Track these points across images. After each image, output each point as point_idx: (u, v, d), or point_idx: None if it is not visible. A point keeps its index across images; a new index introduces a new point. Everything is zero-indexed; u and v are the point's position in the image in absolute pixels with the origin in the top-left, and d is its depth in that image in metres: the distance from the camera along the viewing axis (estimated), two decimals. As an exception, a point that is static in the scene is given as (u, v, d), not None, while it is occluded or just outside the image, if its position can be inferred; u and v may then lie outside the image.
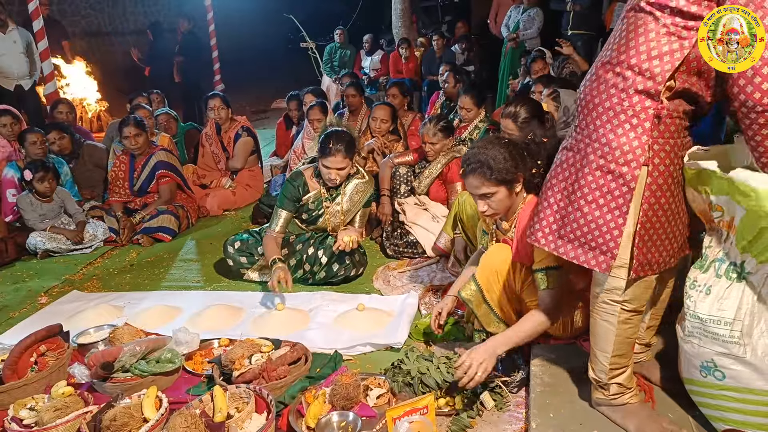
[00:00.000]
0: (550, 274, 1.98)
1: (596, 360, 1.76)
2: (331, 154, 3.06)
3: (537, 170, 2.15)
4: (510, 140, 2.19)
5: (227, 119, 4.90)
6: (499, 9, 8.02)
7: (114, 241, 4.07)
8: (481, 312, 2.23)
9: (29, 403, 2.07)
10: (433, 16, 12.27)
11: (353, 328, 2.64)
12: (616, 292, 1.64)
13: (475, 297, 2.21)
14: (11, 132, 4.59)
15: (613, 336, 1.68)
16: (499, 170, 2.06)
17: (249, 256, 3.27)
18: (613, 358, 1.71)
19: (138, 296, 3.18)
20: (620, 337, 1.68)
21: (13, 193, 4.14)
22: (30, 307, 3.15)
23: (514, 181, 2.12)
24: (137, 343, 2.28)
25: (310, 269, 3.19)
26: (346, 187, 3.25)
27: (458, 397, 2.00)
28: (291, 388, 2.13)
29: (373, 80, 8.50)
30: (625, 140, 1.51)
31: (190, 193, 4.54)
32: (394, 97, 4.99)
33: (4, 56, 5.75)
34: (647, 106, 1.49)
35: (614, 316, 1.66)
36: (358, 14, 10.59)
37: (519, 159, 2.12)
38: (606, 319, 1.68)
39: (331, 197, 3.25)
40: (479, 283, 2.21)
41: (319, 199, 3.24)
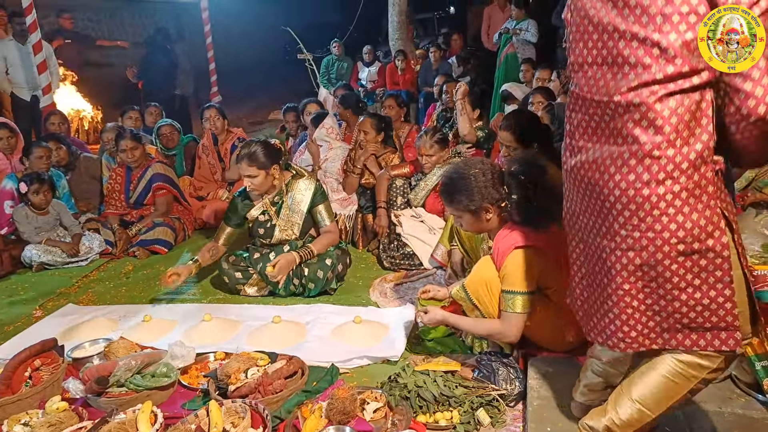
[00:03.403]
0: (521, 298, 2.05)
1: (628, 406, 1.58)
2: (239, 161, 3.13)
3: (505, 203, 2.19)
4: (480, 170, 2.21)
5: (223, 130, 4.92)
6: (491, 22, 8.11)
7: (110, 254, 4.06)
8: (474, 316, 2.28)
9: (23, 419, 2.04)
10: (429, 28, 12.37)
11: (350, 341, 2.63)
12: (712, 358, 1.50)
13: (465, 304, 2.27)
14: (7, 145, 4.61)
15: (671, 401, 1.55)
16: (462, 200, 2.21)
17: (244, 271, 3.27)
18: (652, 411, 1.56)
19: (133, 309, 3.17)
20: (676, 402, 1.56)
21: (10, 205, 4.14)
22: (25, 320, 3.13)
23: (480, 210, 2.21)
24: (132, 357, 2.27)
25: (299, 283, 3.19)
26: (288, 193, 3.27)
27: (455, 412, 1.99)
28: (287, 402, 2.12)
29: (369, 92, 8.54)
30: (697, 216, 1.39)
31: (187, 206, 4.54)
32: (390, 109, 5.01)
33: (22, 67, 5.84)
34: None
35: (690, 383, 1.52)
36: (355, 26, 10.66)
37: (483, 190, 2.18)
38: (677, 381, 1.53)
39: (276, 205, 3.26)
40: (468, 291, 2.25)
41: (266, 212, 3.27)
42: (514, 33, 6.99)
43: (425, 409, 2.02)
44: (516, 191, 2.13)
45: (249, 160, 3.09)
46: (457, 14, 12.94)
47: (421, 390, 2.06)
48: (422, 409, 2.02)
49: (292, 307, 3.09)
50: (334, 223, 3.37)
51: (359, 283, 3.41)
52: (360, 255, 3.88)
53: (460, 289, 2.28)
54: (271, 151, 3.16)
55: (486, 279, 2.19)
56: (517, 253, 2.09)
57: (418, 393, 2.06)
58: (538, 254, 2.11)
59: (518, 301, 2.08)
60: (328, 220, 3.32)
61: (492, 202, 2.19)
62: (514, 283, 2.08)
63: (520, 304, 2.08)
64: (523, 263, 2.08)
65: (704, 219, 1.39)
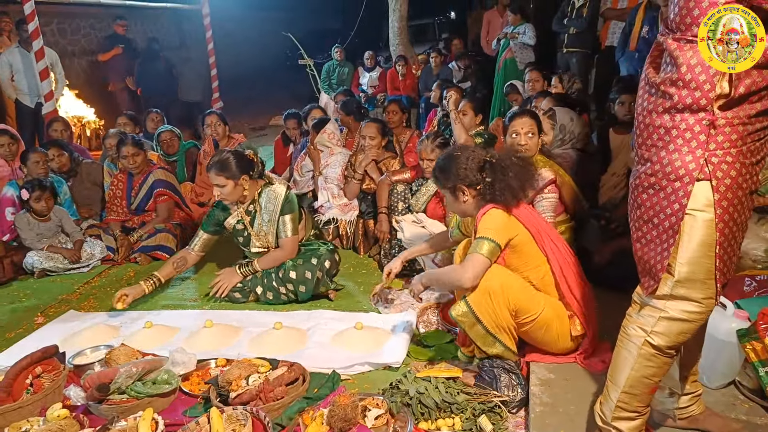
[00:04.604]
0: (489, 245, 2.13)
1: (606, 393, 1.65)
2: (208, 170, 3.15)
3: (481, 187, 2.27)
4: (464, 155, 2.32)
5: (224, 136, 4.93)
6: (490, 28, 8.14)
7: (111, 260, 4.06)
8: (473, 333, 2.16)
9: (24, 426, 2.03)
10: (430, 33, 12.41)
11: (351, 348, 2.63)
12: (649, 321, 1.53)
13: (467, 318, 2.15)
14: (9, 152, 4.61)
15: (629, 369, 1.57)
16: (437, 178, 2.39)
17: (241, 290, 3.28)
18: (623, 394, 1.59)
19: (134, 315, 3.17)
20: (637, 373, 1.56)
21: (12, 211, 4.14)
22: (26, 326, 3.13)
23: (456, 190, 2.32)
24: (133, 364, 2.27)
25: (287, 291, 3.19)
26: (260, 201, 3.26)
27: (457, 419, 1.98)
28: (288, 409, 2.11)
29: (370, 97, 8.56)
30: (677, 156, 1.43)
31: (188, 212, 4.54)
32: (393, 114, 5.00)
33: (27, 74, 5.89)
34: (700, 118, 1.39)
35: (636, 346, 1.55)
36: (356, 32, 10.71)
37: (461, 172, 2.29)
38: (627, 348, 1.58)
39: (250, 214, 3.27)
40: (471, 305, 2.14)
41: (240, 221, 3.28)
42: (512, 37, 7.01)
43: (427, 415, 2.01)
44: (490, 175, 2.25)
45: (217, 169, 3.09)
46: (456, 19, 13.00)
47: (422, 397, 2.05)
48: (424, 416, 2.01)
49: (292, 313, 3.09)
50: (291, 239, 3.24)
51: (360, 288, 3.40)
52: (361, 260, 3.87)
53: (461, 304, 2.17)
54: (242, 162, 3.15)
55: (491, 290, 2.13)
56: (493, 210, 2.22)
57: (419, 400, 2.05)
58: (512, 220, 2.23)
59: (485, 245, 2.14)
60: (290, 232, 3.23)
61: (467, 184, 2.28)
62: (486, 231, 2.17)
63: (487, 248, 2.13)
64: (497, 219, 2.21)
65: (680, 162, 1.43)
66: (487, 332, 2.14)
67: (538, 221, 2.34)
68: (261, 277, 3.24)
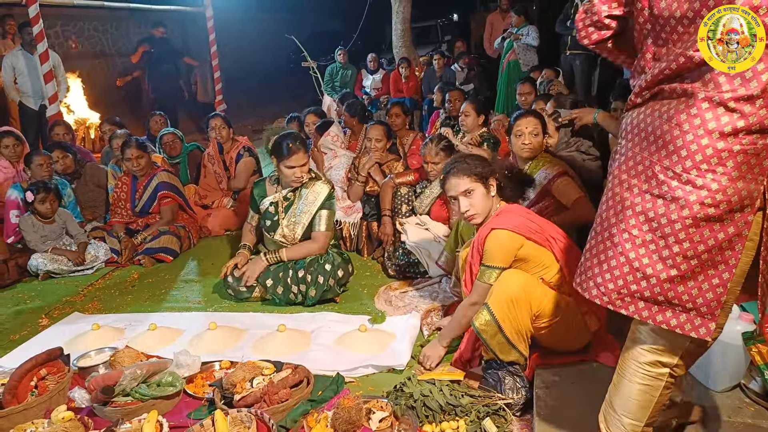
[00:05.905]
0: (497, 273, 2.27)
1: (616, 420, 1.55)
2: (292, 152, 3.17)
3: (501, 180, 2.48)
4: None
5: (228, 138, 4.93)
6: (493, 30, 8.15)
7: (115, 262, 4.07)
8: (494, 342, 2.13)
9: (29, 428, 2.04)
10: (432, 35, 12.43)
11: (355, 350, 2.63)
12: (672, 354, 1.43)
13: (489, 327, 2.12)
14: (14, 153, 4.63)
15: (653, 404, 1.49)
16: (476, 165, 2.44)
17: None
18: (645, 427, 1.52)
19: (139, 317, 3.17)
20: (659, 404, 1.50)
21: (16, 214, 4.15)
22: (31, 329, 3.13)
23: (489, 176, 2.43)
24: (138, 367, 2.27)
25: (298, 291, 3.18)
26: (301, 191, 3.31)
27: (462, 422, 1.98)
28: (293, 411, 2.11)
29: (373, 99, 8.57)
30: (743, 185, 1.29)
31: (192, 214, 4.55)
32: (396, 116, 5.00)
33: (30, 76, 5.93)
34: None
35: (660, 381, 1.47)
36: (359, 34, 10.72)
37: (488, 164, 2.48)
38: (648, 384, 1.47)
39: (287, 200, 3.32)
40: (494, 313, 2.12)
41: (275, 204, 3.32)
42: (515, 38, 7.02)
43: (431, 418, 2.01)
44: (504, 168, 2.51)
45: (304, 149, 3.22)
46: (459, 21, 13.01)
47: (427, 399, 2.05)
48: (428, 419, 2.01)
49: (296, 315, 3.09)
50: (325, 234, 3.28)
51: (364, 291, 3.40)
52: (365, 263, 3.88)
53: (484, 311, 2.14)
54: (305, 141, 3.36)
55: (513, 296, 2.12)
56: (498, 233, 2.32)
57: (424, 402, 2.05)
58: (514, 236, 2.30)
59: (493, 275, 2.28)
60: (324, 227, 3.29)
61: (493, 175, 2.46)
62: (493, 259, 2.31)
63: (495, 278, 2.27)
64: (502, 243, 2.31)
65: (746, 190, 1.28)
66: (507, 341, 2.12)
67: (537, 221, 2.38)
68: (275, 270, 3.23)
